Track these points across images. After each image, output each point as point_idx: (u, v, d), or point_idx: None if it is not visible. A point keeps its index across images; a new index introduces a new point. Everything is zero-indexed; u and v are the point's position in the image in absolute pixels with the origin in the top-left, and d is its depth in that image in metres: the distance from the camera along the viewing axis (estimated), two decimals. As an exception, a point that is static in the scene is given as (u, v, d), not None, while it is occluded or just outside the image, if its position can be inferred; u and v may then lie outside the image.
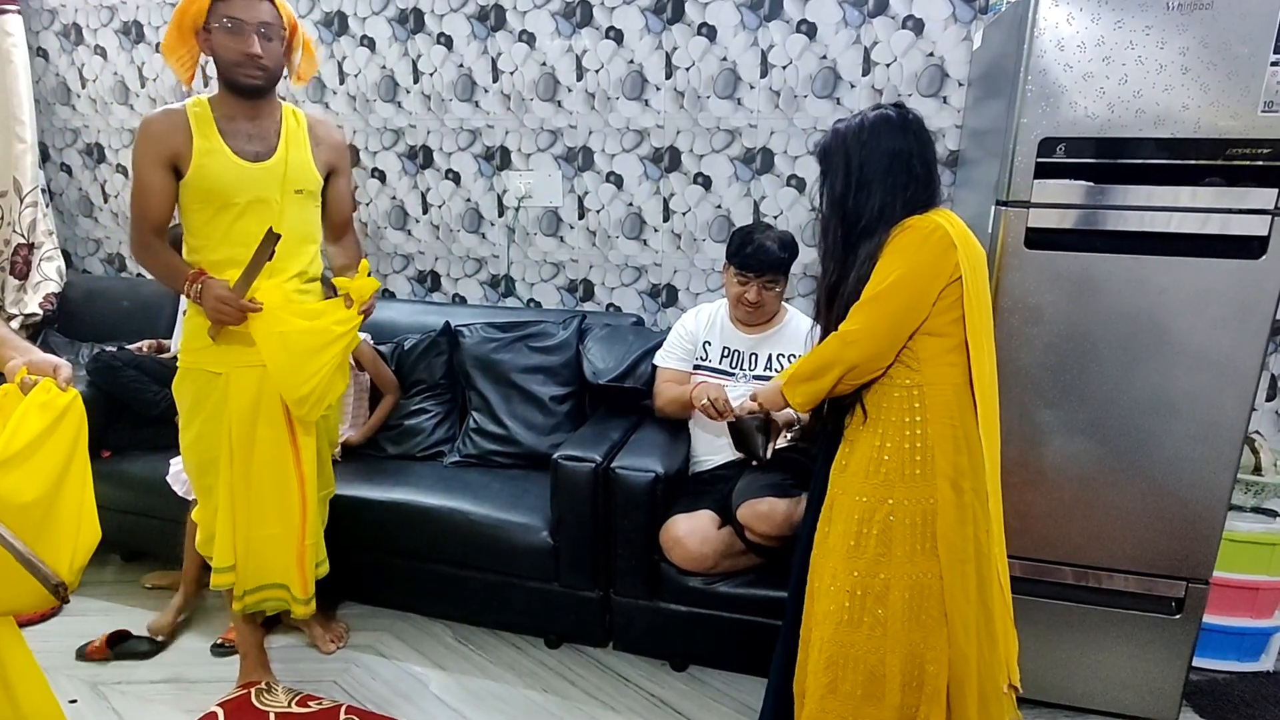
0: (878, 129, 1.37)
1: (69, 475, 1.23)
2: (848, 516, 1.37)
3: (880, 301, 1.30)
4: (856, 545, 1.35)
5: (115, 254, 3.16)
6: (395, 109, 2.65)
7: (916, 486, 1.33)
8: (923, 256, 1.29)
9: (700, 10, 2.30)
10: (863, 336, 1.31)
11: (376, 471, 2.23)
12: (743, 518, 1.73)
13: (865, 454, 1.37)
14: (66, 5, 2.91)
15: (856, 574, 1.35)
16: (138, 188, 1.65)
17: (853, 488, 1.38)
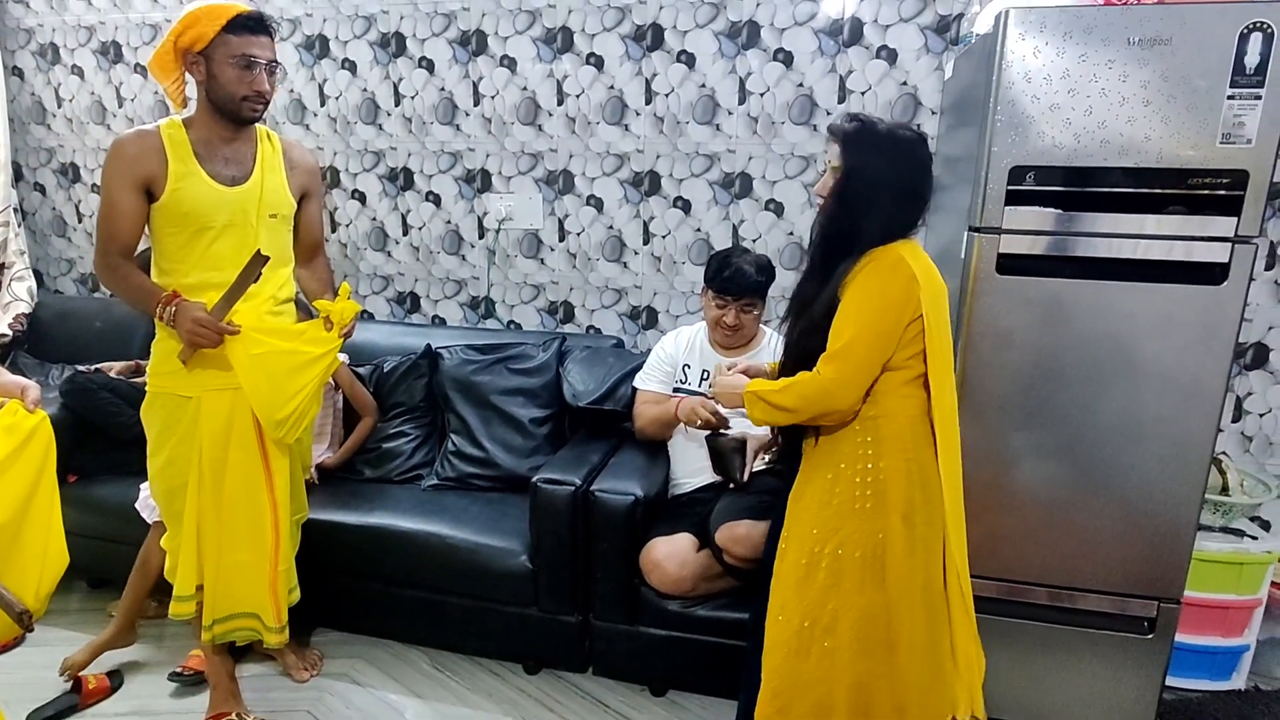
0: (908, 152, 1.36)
1: (36, 499, 1.22)
2: (799, 547, 1.38)
3: (856, 349, 1.30)
4: (806, 576, 1.36)
5: (88, 274, 3.12)
6: (376, 131, 2.66)
7: (868, 519, 1.34)
8: (890, 294, 1.30)
9: (679, 38, 2.34)
10: (845, 387, 1.30)
11: (353, 495, 2.20)
12: (721, 540, 1.73)
13: (819, 485, 1.38)
14: (44, 25, 2.89)
15: (806, 604, 1.36)
16: (107, 209, 1.63)
17: (805, 518, 1.39)
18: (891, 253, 1.32)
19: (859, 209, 1.33)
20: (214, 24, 1.58)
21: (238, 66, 1.60)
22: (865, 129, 1.36)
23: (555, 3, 2.41)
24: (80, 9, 2.84)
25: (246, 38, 1.59)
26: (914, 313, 1.30)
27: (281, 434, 1.71)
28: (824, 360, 1.32)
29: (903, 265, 1.30)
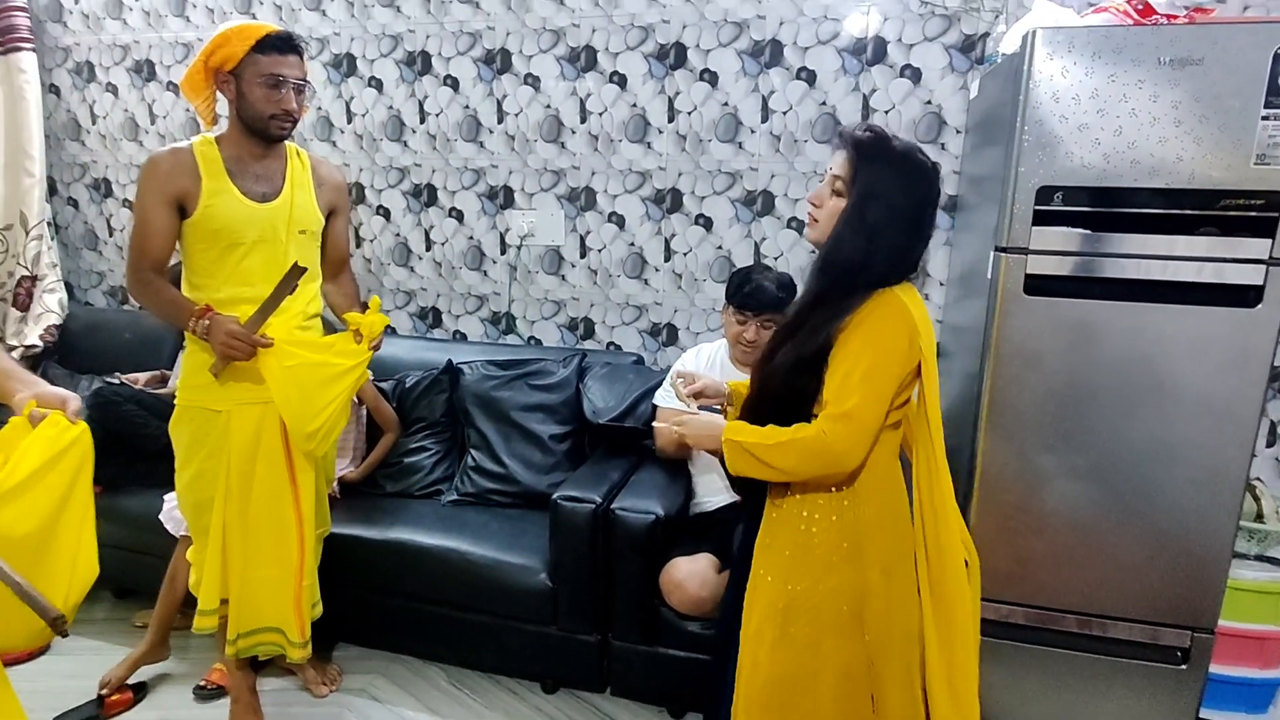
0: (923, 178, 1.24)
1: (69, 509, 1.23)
2: (772, 599, 1.28)
3: (867, 411, 1.18)
4: (782, 631, 1.27)
5: (118, 286, 3.17)
6: (401, 148, 2.69)
7: (847, 572, 1.26)
8: (898, 349, 1.20)
9: (702, 57, 2.35)
10: (855, 452, 1.19)
11: (373, 510, 2.21)
12: (744, 562, 1.71)
13: (791, 535, 1.28)
14: (80, 44, 2.96)
15: (782, 661, 1.28)
16: (140, 225, 1.66)
17: (778, 567, 1.29)
18: (895, 299, 1.21)
19: (868, 234, 1.21)
20: (244, 44, 1.60)
21: (266, 85, 1.63)
22: (881, 141, 1.24)
23: (579, 22, 2.43)
24: (116, 28, 2.91)
25: (275, 57, 1.62)
26: (913, 363, 1.22)
27: (311, 446, 1.72)
28: (831, 420, 1.18)
29: (906, 315, 1.20)
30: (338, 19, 2.65)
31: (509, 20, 2.49)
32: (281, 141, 1.73)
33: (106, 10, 2.90)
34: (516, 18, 2.48)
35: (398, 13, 2.59)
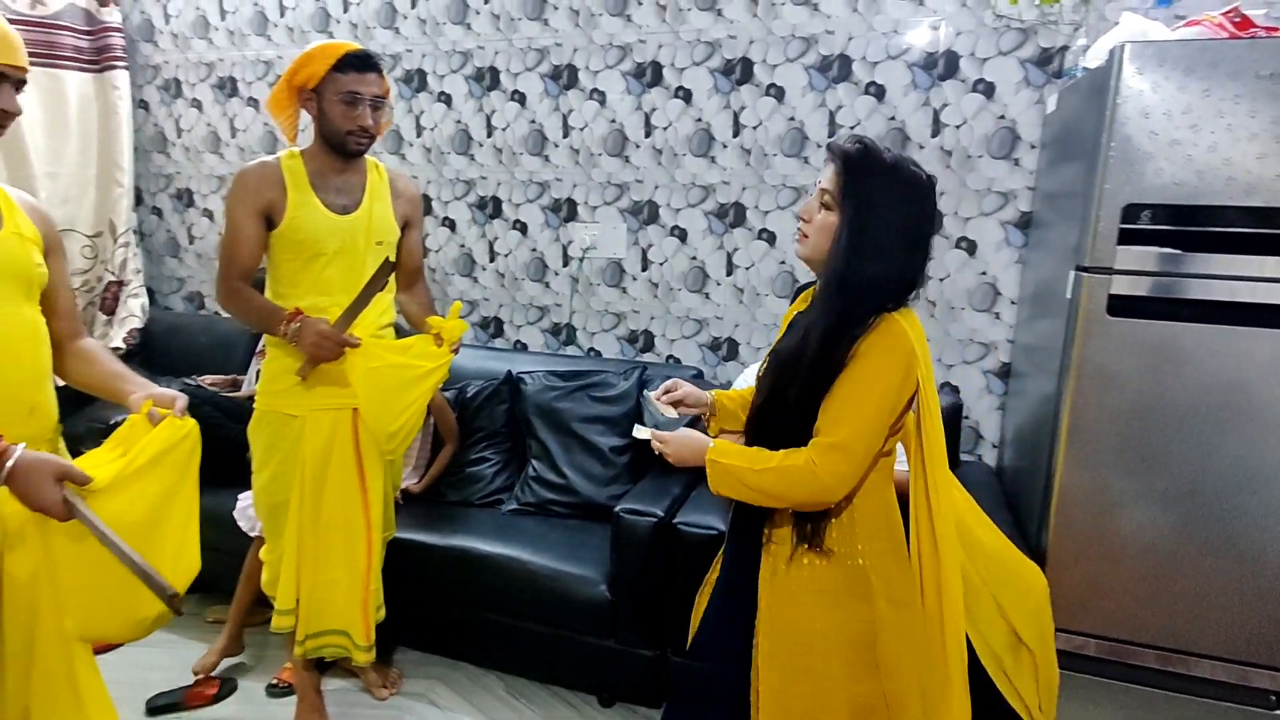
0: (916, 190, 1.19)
1: (177, 500, 1.29)
2: (783, 638, 1.26)
3: (859, 443, 1.15)
4: (795, 666, 1.25)
5: (196, 292, 3.31)
6: (468, 161, 2.75)
7: (855, 604, 1.23)
8: (893, 378, 1.16)
9: (769, 72, 2.35)
10: (844, 484, 1.17)
11: (435, 516, 2.25)
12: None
13: (794, 569, 1.24)
14: (169, 62, 3.11)
15: (796, 698, 1.25)
16: (230, 235, 1.72)
17: (783, 606, 1.25)
18: (896, 326, 1.17)
19: (869, 250, 1.16)
20: (325, 62, 1.66)
21: (344, 103, 1.68)
22: (872, 153, 1.18)
23: (645, 38, 2.46)
24: (202, 47, 3.05)
25: (353, 76, 1.67)
26: (909, 392, 1.19)
27: (392, 446, 1.76)
28: (821, 450, 1.15)
29: (905, 343, 1.17)
30: (410, 36, 2.73)
31: (576, 37, 2.53)
32: (360, 156, 1.78)
33: (194, 30, 3.04)
34: (584, 34, 2.52)
35: (468, 30, 2.66)
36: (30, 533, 1.27)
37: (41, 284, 1.33)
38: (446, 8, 2.66)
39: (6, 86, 1.20)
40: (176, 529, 1.27)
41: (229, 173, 3.11)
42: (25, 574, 1.26)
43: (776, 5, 2.31)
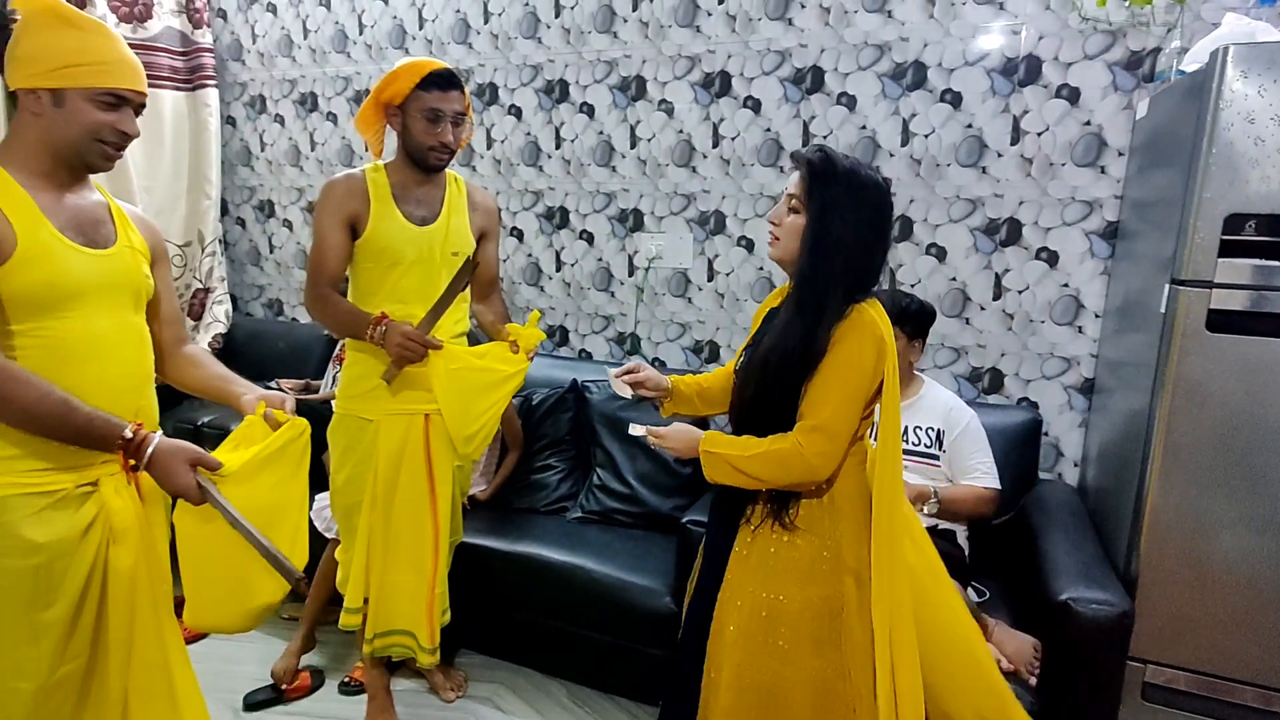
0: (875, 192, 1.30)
1: (291, 494, 1.36)
2: (753, 612, 1.33)
3: (840, 422, 1.27)
4: (763, 641, 1.32)
5: (275, 299, 3.45)
6: (536, 172, 2.79)
7: (827, 582, 1.32)
8: (865, 362, 1.27)
9: (840, 81, 2.32)
10: (829, 462, 1.27)
11: (501, 522, 2.28)
12: (882, 601, 1.65)
13: (772, 546, 1.34)
14: (255, 79, 3.26)
15: (760, 671, 1.32)
16: (318, 244, 1.78)
17: (758, 579, 1.34)
18: (867, 314, 1.29)
19: (831, 247, 1.27)
20: (410, 81, 1.71)
21: (426, 119, 1.72)
22: (831, 160, 1.30)
23: (714, 49, 2.46)
24: (286, 65, 3.18)
25: (436, 93, 1.71)
26: (880, 377, 1.30)
27: (469, 450, 1.80)
28: (805, 432, 1.27)
29: (876, 330, 1.28)
30: (483, 51, 2.80)
31: (645, 48, 2.55)
32: (440, 170, 1.83)
33: (279, 49, 3.18)
34: (653, 45, 2.54)
35: (539, 44, 2.70)
36: (133, 529, 1.34)
37: (149, 293, 1.40)
38: (518, 23, 2.72)
39: (128, 110, 1.27)
40: (291, 521, 1.33)
41: (308, 185, 3.24)
42: (126, 567, 1.33)
43: (849, 13, 2.28)
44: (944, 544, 1.83)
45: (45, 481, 1.25)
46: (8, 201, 1.21)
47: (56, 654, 1.28)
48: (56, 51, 1.21)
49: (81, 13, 1.26)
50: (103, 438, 1.20)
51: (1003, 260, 2.22)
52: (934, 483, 1.90)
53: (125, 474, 1.34)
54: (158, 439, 1.22)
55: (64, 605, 1.27)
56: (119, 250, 1.34)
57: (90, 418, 1.19)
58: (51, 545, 1.25)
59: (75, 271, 1.25)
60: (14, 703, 1.28)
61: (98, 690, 1.36)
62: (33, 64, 1.21)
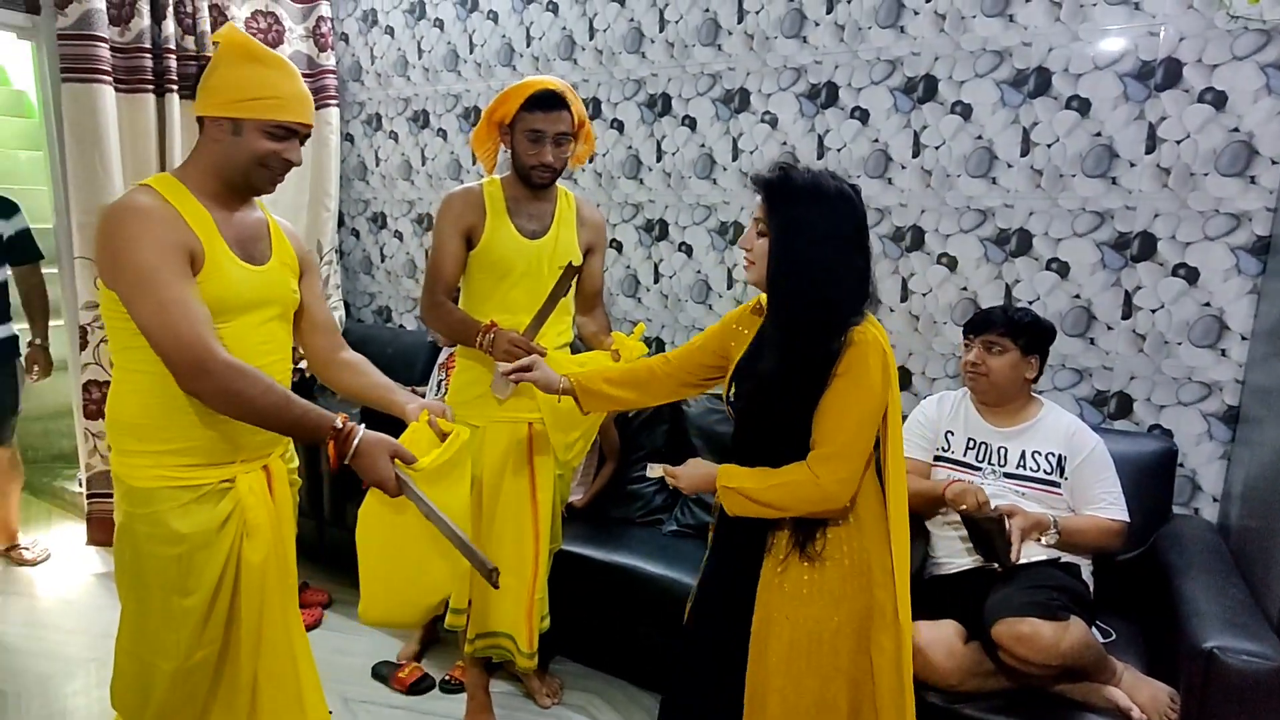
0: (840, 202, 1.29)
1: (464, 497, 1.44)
2: (793, 641, 1.35)
3: (855, 448, 1.29)
4: (807, 666, 1.34)
5: (384, 306, 3.61)
6: (637, 185, 2.82)
7: (860, 597, 1.36)
8: (874, 384, 1.28)
9: (955, 89, 2.23)
10: (847, 489, 1.29)
11: (598, 532, 2.30)
12: (1000, 637, 1.56)
13: (802, 574, 1.35)
14: (373, 98, 3.44)
15: (806, 693, 1.34)
16: (436, 253, 1.86)
17: (793, 607, 1.35)
18: (868, 334, 1.29)
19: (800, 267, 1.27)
20: (516, 101, 1.76)
21: (528, 139, 1.77)
22: (786, 178, 1.31)
23: (822, 59, 2.42)
24: (401, 84, 3.34)
25: (537, 114, 1.75)
26: (886, 398, 1.31)
27: (569, 456, 1.83)
28: (821, 460, 1.28)
29: (878, 347, 1.29)
30: (587, 66, 2.85)
31: (750, 60, 2.53)
32: (544, 188, 1.87)
33: (395, 69, 3.34)
34: (758, 57, 2.52)
35: (643, 58, 2.73)
36: (264, 524, 1.43)
37: (295, 306, 1.49)
38: (623, 38, 2.76)
39: (294, 141, 1.37)
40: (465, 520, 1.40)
41: (418, 198, 3.39)
42: (258, 560, 1.42)
43: (966, 19, 2.19)
44: (1066, 577, 1.72)
45: (192, 476, 1.35)
46: (194, 219, 1.31)
47: (194, 639, 1.37)
48: (241, 85, 1.31)
49: (269, 50, 1.36)
50: (316, 428, 1.27)
51: (1133, 277, 2.07)
52: (1054, 512, 1.79)
53: (259, 473, 1.44)
54: (362, 431, 1.27)
55: (202, 594, 1.36)
56: (272, 266, 1.43)
57: (306, 410, 1.27)
58: (193, 536, 1.34)
59: (238, 285, 1.35)
60: (156, 681, 1.38)
61: (230, 673, 1.45)
62: (220, 94, 1.31)
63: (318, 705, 1.55)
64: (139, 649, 1.39)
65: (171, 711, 1.41)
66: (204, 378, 1.22)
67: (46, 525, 3.28)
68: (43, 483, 3.57)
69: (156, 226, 1.26)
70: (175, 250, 1.26)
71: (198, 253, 1.30)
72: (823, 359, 1.28)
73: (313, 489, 2.79)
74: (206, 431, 1.34)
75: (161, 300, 1.22)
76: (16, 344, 2.82)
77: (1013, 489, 1.85)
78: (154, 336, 1.23)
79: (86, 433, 3.00)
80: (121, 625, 1.41)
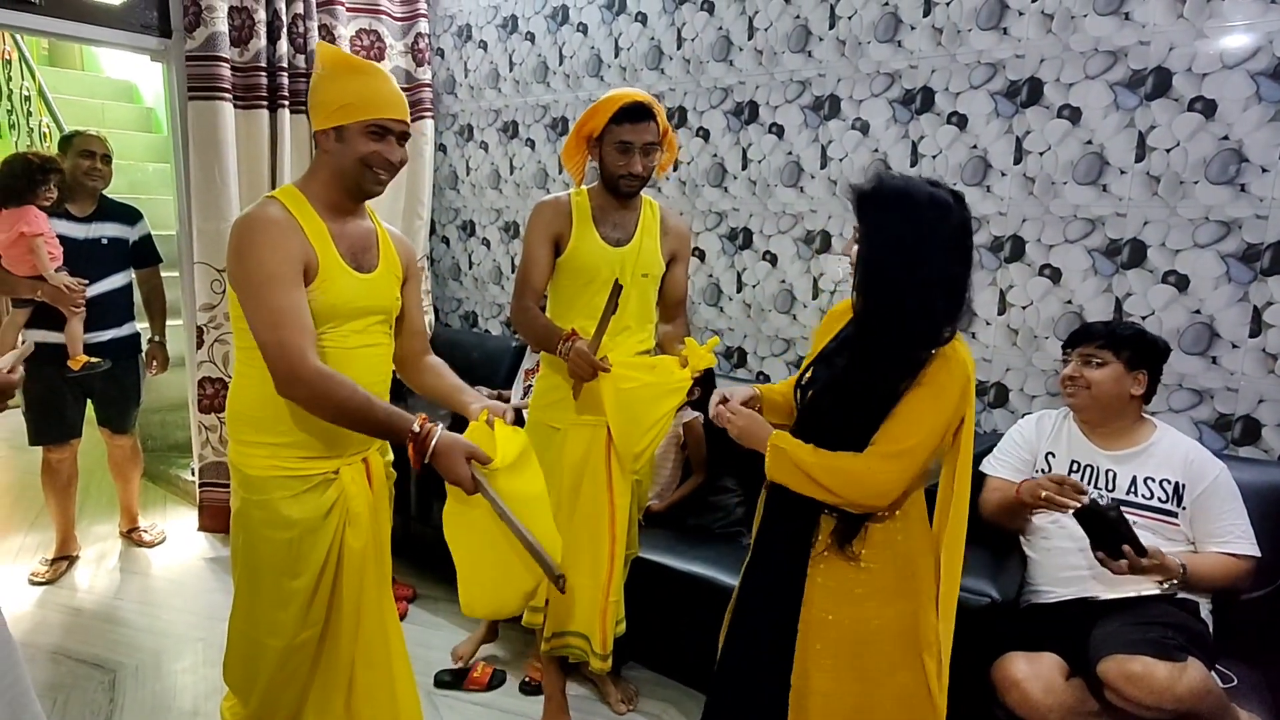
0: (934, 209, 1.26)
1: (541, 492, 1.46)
2: (838, 639, 1.34)
3: (920, 454, 1.28)
4: (850, 665, 1.34)
5: (471, 312, 3.72)
6: (721, 194, 2.80)
7: (907, 599, 1.35)
8: (951, 400, 1.27)
9: (1062, 92, 2.12)
10: (898, 488, 1.29)
11: (677, 540, 2.29)
12: (1107, 675, 1.45)
13: (847, 571, 1.34)
14: (465, 110, 3.56)
15: (848, 696, 1.33)
16: (525, 259, 1.92)
17: (836, 606, 1.34)
18: (956, 354, 1.29)
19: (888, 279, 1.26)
20: (605, 115, 1.80)
21: (617, 150, 1.80)
22: (877, 186, 1.29)
23: (917, 63, 2.34)
24: (492, 96, 3.44)
25: (626, 126, 1.78)
26: (961, 413, 1.30)
27: (637, 466, 1.84)
28: (881, 456, 1.27)
29: (962, 366, 1.28)
30: (674, 76, 2.86)
31: (842, 66, 2.48)
32: (632, 197, 1.89)
33: (487, 81, 3.45)
34: (850, 63, 2.46)
35: (730, 66, 2.72)
36: (364, 514, 1.50)
37: (397, 311, 1.56)
38: (711, 47, 2.75)
39: (392, 140, 1.43)
40: (543, 515, 1.43)
41: (505, 206, 3.47)
42: (359, 547, 1.49)
43: (1076, 18, 2.08)
44: (1183, 615, 1.59)
45: (303, 468, 1.44)
46: (312, 230, 1.40)
47: (300, 619, 1.46)
48: (340, 94, 1.39)
49: (361, 59, 1.44)
50: (398, 430, 1.33)
51: (1264, 291, 1.91)
52: (1172, 544, 1.66)
53: (359, 465, 1.51)
54: (440, 432, 1.33)
55: (308, 576, 1.44)
56: (379, 274, 1.50)
57: (389, 413, 1.35)
58: (302, 522, 1.43)
59: (348, 293, 1.43)
60: (266, 658, 1.47)
61: (330, 654, 1.52)
62: (324, 107, 1.40)
63: (409, 688, 1.61)
64: (250, 628, 1.48)
65: (277, 688, 1.50)
66: (297, 384, 1.31)
67: (162, 510, 3.53)
68: (159, 470, 3.85)
69: (278, 237, 1.35)
70: (292, 261, 1.34)
71: (313, 263, 1.38)
72: (905, 367, 1.28)
73: (398, 487, 2.88)
74: (313, 427, 1.42)
75: (272, 307, 1.31)
76: (139, 341, 3.04)
77: (1122, 517, 1.73)
78: (260, 339, 1.32)
79: (200, 425, 3.21)
80: (235, 606, 1.52)
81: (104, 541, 3.17)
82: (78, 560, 2.98)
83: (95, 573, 2.92)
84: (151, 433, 4.06)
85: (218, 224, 2.95)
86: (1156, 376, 1.80)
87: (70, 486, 2.91)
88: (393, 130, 1.42)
